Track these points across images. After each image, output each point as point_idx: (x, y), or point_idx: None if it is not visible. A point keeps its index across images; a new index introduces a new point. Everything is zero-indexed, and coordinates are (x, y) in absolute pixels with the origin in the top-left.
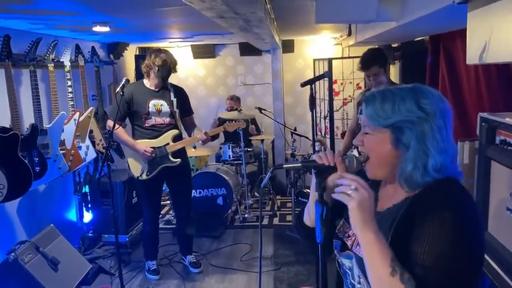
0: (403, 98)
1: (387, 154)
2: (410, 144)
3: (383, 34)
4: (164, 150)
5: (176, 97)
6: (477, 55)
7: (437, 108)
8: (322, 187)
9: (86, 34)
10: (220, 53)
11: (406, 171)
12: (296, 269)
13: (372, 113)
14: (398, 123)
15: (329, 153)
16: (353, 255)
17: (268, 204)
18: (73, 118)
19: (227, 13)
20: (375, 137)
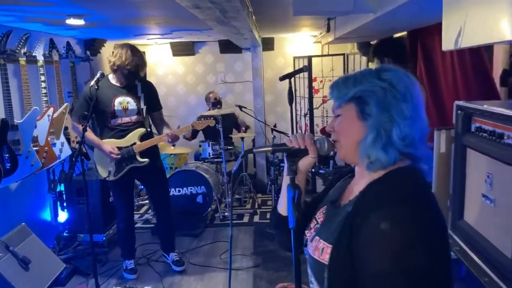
0: (364, 74)
1: (356, 131)
2: (373, 112)
3: (361, 28)
4: (131, 150)
5: (144, 93)
6: (453, 40)
7: (400, 80)
8: (293, 171)
9: (60, 28)
10: (199, 51)
11: (368, 140)
12: (276, 265)
13: (336, 92)
14: (359, 93)
15: (299, 136)
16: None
17: (249, 202)
18: (47, 114)
19: (202, 1)
20: (343, 116)
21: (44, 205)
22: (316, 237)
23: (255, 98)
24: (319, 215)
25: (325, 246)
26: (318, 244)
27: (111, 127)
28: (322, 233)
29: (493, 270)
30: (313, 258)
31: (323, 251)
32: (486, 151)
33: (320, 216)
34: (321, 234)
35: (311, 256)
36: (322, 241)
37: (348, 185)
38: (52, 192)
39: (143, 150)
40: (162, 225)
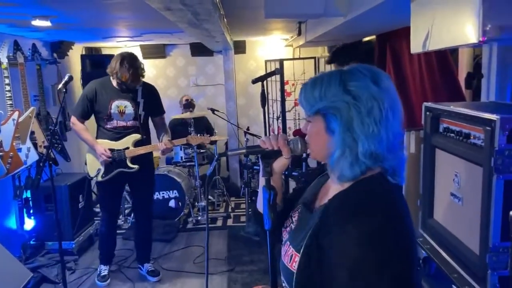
0: (330, 82)
1: (323, 141)
2: (336, 130)
3: (331, 32)
4: (123, 154)
5: (144, 98)
6: (420, 44)
7: (366, 90)
8: (268, 172)
9: (26, 30)
10: (170, 53)
11: (334, 157)
12: (250, 268)
13: (303, 100)
14: (324, 110)
15: (272, 138)
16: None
17: (222, 205)
18: (12, 118)
19: (174, 3)
20: (312, 125)
21: (9, 213)
22: (287, 242)
23: (227, 101)
24: (294, 215)
25: (293, 253)
26: (288, 250)
27: (107, 129)
28: (292, 239)
29: (461, 266)
30: (283, 263)
31: (292, 259)
32: (453, 151)
33: (295, 215)
34: (291, 240)
35: (282, 261)
36: (291, 248)
37: (323, 185)
38: (18, 199)
39: (135, 156)
40: (141, 234)
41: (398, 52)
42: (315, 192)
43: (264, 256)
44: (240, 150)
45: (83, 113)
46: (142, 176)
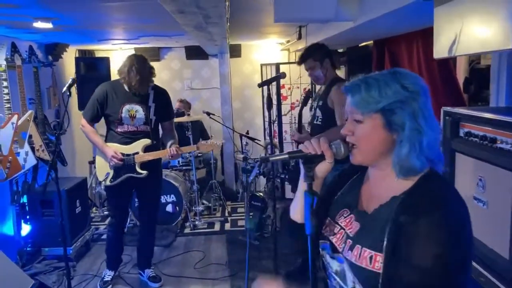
0: (387, 82)
1: (381, 140)
2: (405, 123)
3: (336, 37)
4: (132, 159)
5: (156, 102)
6: (446, 49)
7: (419, 86)
8: (310, 177)
9: (22, 32)
10: (165, 57)
11: (403, 153)
12: (252, 273)
13: (360, 101)
14: (389, 106)
15: (314, 142)
16: (345, 259)
17: (218, 210)
18: (11, 122)
19: (189, 6)
20: (367, 125)
21: (5, 219)
22: (357, 245)
23: (223, 105)
24: (340, 220)
25: (373, 254)
26: (363, 252)
27: (118, 133)
28: (363, 241)
29: (487, 269)
30: (360, 267)
31: (372, 260)
32: (477, 155)
33: (342, 220)
34: (362, 242)
35: (358, 266)
36: (367, 250)
37: (363, 188)
38: (16, 204)
39: (144, 161)
40: (145, 240)
41: (397, 57)
42: (355, 195)
43: (266, 261)
44: (281, 155)
45: (92, 116)
46: (150, 182)
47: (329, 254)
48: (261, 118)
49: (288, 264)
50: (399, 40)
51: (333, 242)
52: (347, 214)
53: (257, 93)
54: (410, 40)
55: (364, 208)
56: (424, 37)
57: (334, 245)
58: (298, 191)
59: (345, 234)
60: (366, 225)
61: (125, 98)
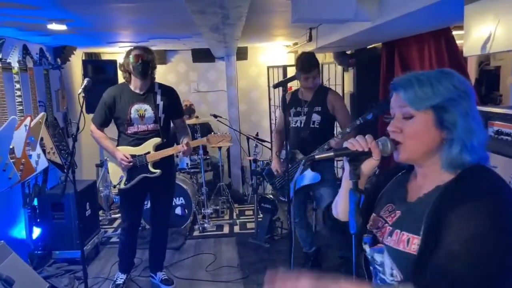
0: (438, 79)
1: (431, 137)
2: (457, 122)
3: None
4: (144, 159)
5: (163, 100)
6: (478, 46)
7: (467, 87)
8: (357, 175)
9: (33, 34)
10: (171, 59)
11: (454, 152)
12: (264, 276)
13: (413, 96)
14: (442, 102)
15: (360, 139)
16: (384, 247)
17: (226, 213)
18: (24, 124)
19: (211, 6)
20: (416, 121)
21: (17, 222)
22: (396, 231)
23: (229, 107)
24: (385, 214)
25: (411, 237)
26: (401, 236)
27: (128, 135)
28: (402, 226)
29: None
30: (397, 250)
31: (409, 242)
32: (508, 153)
33: (387, 215)
34: (401, 226)
35: (395, 249)
36: (405, 233)
37: (409, 184)
38: (27, 207)
39: (156, 160)
40: (157, 243)
41: (407, 58)
42: (402, 191)
43: (277, 263)
44: (327, 153)
45: (101, 121)
46: (164, 182)
47: (370, 247)
48: (267, 120)
49: (301, 266)
50: (410, 41)
51: (378, 236)
52: (392, 209)
53: (264, 96)
54: (422, 41)
55: (408, 200)
56: (436, 38)
57: (376, 238)
58: (342, 188)
59: (387, 225)
60: (407, 212)
61: (133, 99)
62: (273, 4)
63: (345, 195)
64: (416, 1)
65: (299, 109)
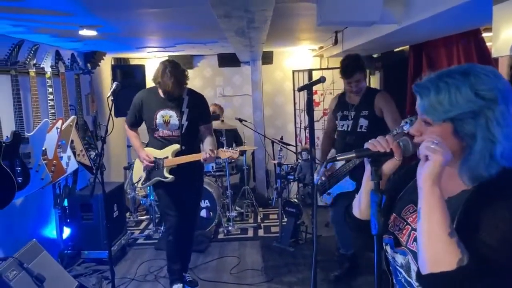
0: (458, 87)
1: (450, 145)
2: (476, 135)
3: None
4: (161, 163)
5: (190, 107)
6: (507, 47)
7: (497, 91)
8: (378, 175)
9: (65, 40)
10: (198, 64)
11: (472, 163)
12: (288, 279)
13: (428, 107)
14: (459, 116)
15: (381, 139)
16: (408, 251)
17: (251, 216)
18: (56, 127)
19: (237, 10)
20: (436, 129)
21: (49, 221)
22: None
23: (254, 111)
24: (406, 215)
25: None
26: None
27: (155, 138)
28: None
29: None
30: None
31: None
32: None
33: (408, 216)
34: None
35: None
36: None
37: None
38: (58, 208)
39: (173, 166)
40: (182, 245)
41: (435, 61)
42: None
43: (302, 267)
44: (349, 154)
45: (131, 122)
46: (187, 187)
47: (393, 249)
48: (292, 125)
49: (326, 270)
50: (438, 44)
51: (399, 237)
52: (413, 210)
53: (289, 100)
54: (450, 43)
55: None
56: (465, 40)
57: (398, 239)
58: (363, 189)
59: (411, 229)
60: None
61: (160, 104)
62: (298, 8)
63: (366, 195)
64: (443, 2)
65: (346, 112)
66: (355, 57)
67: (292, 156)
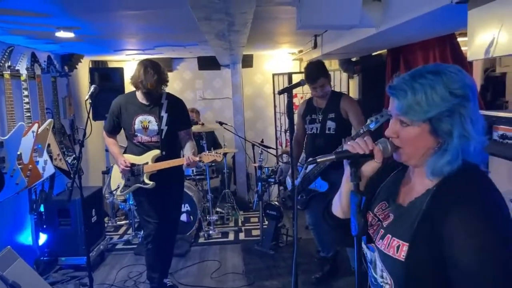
0: (433, 87)
1: (427, 144)
2: (452, 131)
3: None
4: (141, 169)
5: (169, 112)
6: (482, 50)
7: (467, 88)
8: (358, 177)
9: (41, 42)
10: (177, 67)
11: (443, 160)
12: (270, 283)
13: (406, 108)
14: (437, 115)
15: (360, 141)
16: (375, 248)
17: (232, 219)
18: (31, 130)
19: (217, 13)
20: (412, 129)
21: (24, 227)
22: (388, 235)
23: (235, 114)
24: (378, 212)
25: (401, 243)
26: (392, 242)
27: (134, 144)
28: (394, 231)
29: None
30: (387, 255)
31: (399, 249)
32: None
33: (380, 213)
34: (393, 232)
35: (385, 254)
36: (396, 239)
37: (403, 182)
38: (34, 213)
39: (153, 172)
40: (163, 250)
41: (412, 64)
42: (395, 189)
43: (283, 270)
44: (329, 156)
45: (110, 128)
46: (167, 192)
47: (365, 244)
48: (273, 128)
49: (306, 272)
50: (415, 47)
51: (370, 233)
52: (385, 206)
53: (269, 103)
54: (426, 47)
55: (401, 201)
56: (441, 44)
57: (370, 235)
58: (342, 189)
59: (380, 225)
60: (399, 217)
61: (138, 110)
62: (278, 11)
63: (346, 196)
64: (420, 7)
65: (314, 116)
66: (318, 63)
67: (273, 159)
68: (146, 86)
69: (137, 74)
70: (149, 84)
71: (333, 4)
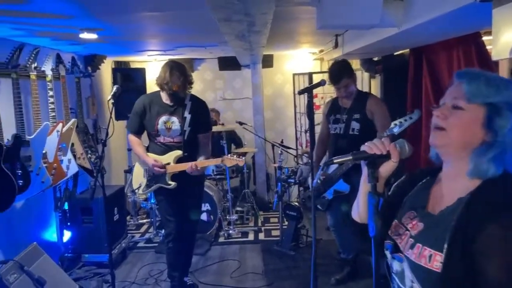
0: (507, 84)
1: (473, 134)
2: (505, 128)
3: (375, 44)
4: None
5: (192, 113)
6: (507, 50)
7: None
8: (375, 178)
9: (66, 43)
10: (198, 68)
11: (488, 155)
12: (289, 283)
13: (475, 89)
14: (500, 103)
15: (378, 142)
16: (405, 258)
17: (251, 219)
18: (56, 130)
19: (237, 14)
20: (466, 114)
21: (49, 225)
22: (418, 244)
23: (255, 114)
24: (406, 221)
25: (433, 253)
26: (423, 251)
27: (156, 144)
28: (425, 240)
29: None
30: (418, 265)
31: (431, 258)
32: None
33: (408, 222)
34: (424, 241)
35: (416, 264)
36: (427, 248)
37: (433, 189)
38: (58, 211)
39: (175, 172)
40: (184, 248)
41: (436, 65)
42: (425, 197)
43: (302, 270)
44: (346, 157)
45: (134, 128)
46: (186, 193)
47: (391, 254)
48: (293, 128)
49: (326, 274)
50: (438, 47)
51: (398, 243)
52: (413, 216)
53: (289, 103)
54: (450, 47)
55: (431, 210)
56: (465, 43)
57: (397, 245)
58: (361, 192)
59: (409, 235)
60: (430, 226)
61: (162, 110)
62: (298, 11)
63: (364, 198)
64: (443, 6)
65: (338, 116)
66: (341, 63)
67: (293, 159)
68: (172, 88)
69: (162, 75)
70: (175, 86)
71: (353, 4)
